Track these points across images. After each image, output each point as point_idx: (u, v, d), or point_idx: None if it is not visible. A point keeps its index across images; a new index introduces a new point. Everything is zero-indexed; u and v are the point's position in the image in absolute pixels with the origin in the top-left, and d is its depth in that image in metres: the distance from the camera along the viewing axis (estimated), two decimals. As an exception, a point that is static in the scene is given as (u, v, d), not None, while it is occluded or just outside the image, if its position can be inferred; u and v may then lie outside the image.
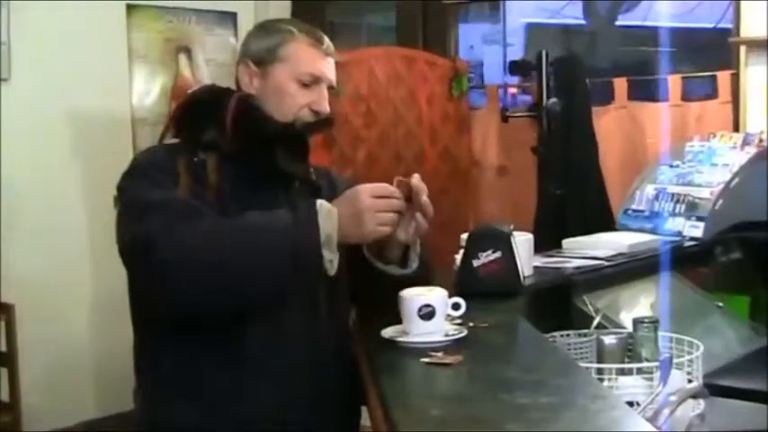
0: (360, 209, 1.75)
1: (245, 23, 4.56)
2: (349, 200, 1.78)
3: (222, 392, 1.83)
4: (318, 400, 1.90)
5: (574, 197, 3.91)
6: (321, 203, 1.75)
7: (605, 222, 3.42)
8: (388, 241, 1.90)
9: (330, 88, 2.00)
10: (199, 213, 1.76)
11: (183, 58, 4.47)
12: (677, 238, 3.00)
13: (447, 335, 1.74)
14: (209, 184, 1.84)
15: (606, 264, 2.59)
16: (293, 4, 4.79)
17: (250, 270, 1.71)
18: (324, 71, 1.97)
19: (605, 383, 1.74)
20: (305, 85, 1.95)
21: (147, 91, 4.36)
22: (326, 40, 2.00)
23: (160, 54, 4.40)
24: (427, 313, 1.73)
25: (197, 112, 1.95)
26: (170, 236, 1.69)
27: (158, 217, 1.72)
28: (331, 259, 1.73)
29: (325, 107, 1.97)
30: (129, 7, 4.28)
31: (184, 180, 1.82)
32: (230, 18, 4.63)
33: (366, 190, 1.78)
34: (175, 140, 1.94)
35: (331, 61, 2.00)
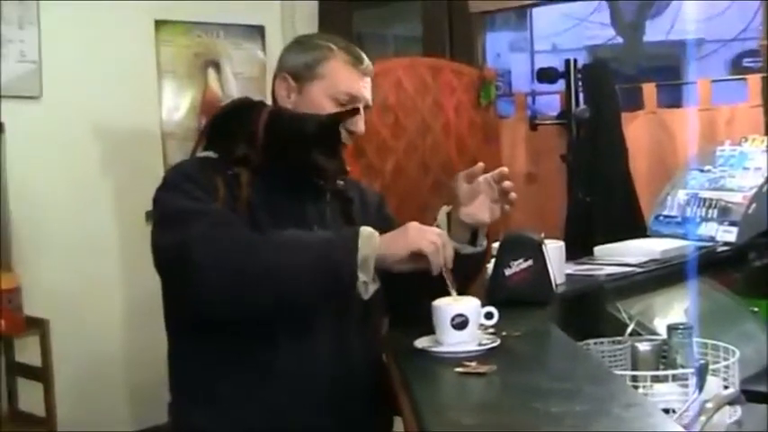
0: (407, 226, 1.77)
1: (273, 37, 4.59)
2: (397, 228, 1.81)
3: (250, 403, 1.84)
4: (347, 409, 1.91)
5: (604, 204, 3.89)
6: (363, 228, 1.74)
7: (637, 229, 3.39)
8: (460, 223, 1.96)
9: (366, 107, 1.99)
10: (237, 222, 1.78)
11: (211, 73, 4.50)
12: (710, 244, 2.98)
13: (480, 344, 1.73)
14: (241, 198, 1.84)
15: (639, 270, 2.57)
16: (320, 16, 4.81)
17: (284, 283, 1.71)
18: (361, 91, 1.97)
19: (640, 391, 1.72)
20: (341, 105, 1.95)
21: (177, 105, 4.39)
22: (366, 59, 2.00)
23: (188, 68, 4.43)
24: (460, 323, 1.73)
25: (229, 125, 1.95)
26: (208, 241, 1.70)
27: (197, 224, 1.72)
28: (366, 281, 1.71)
29: (361, 127, 1.97)
30: (158, 23, 4.31)
31: (222, 193, 1.83)
32: (258, 31, 4.65)
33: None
34: (209, 154, 1.94)
35: (368, 80, 2.00)
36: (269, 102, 2.01)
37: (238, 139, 1.90)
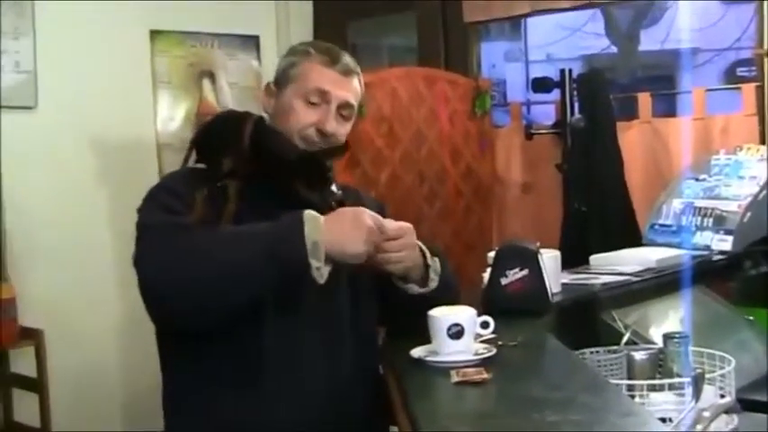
0: (348, 223, 1.74)
1: (268, 47, 4.59)
2: (340, 213, 1.78)
3: (239, 411, 1.82)
4: (340, 419, 1.89)
5: (599, 213, 3.89)
6: (306, 212, 1.72)
7: (632, 238, 3.40)
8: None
9: (343, 108, 1.95)
10: (184, 230, 1.75)
11: (206, 83, 4.50)
12: (705, 252, 2.98)
13: (476, 353, 1.73)
14: (227, 211, 1.81)
15: (634, 279, 2.58)
16: (315, 27, 4.81)
17: (234, 280, 1.69)
18: (332, 88, 1.93)
19: (636, 400, 1.72)
20: (312, 104, 1.92)
21: (172, 116, 4.39)
22: (344, 59, 1.97)
23: (184, 79, 4.43)
24: (456, 332, 1.73)
25: (214, 140, 1.93)
26: (151, 256, 1.72)
27: (146, 239, 1.76)
28: (318, 267, 1.68)
29: (332, 127, 1.93)
30: (153, 33, 4.31)
31: (199, 206, 1.80)
32: (253, 42, 4.65)
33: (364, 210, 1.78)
34: (201, 165, 1.93)
35: (348, 80, 1.96)
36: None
37: (224, 153, 1.87)
